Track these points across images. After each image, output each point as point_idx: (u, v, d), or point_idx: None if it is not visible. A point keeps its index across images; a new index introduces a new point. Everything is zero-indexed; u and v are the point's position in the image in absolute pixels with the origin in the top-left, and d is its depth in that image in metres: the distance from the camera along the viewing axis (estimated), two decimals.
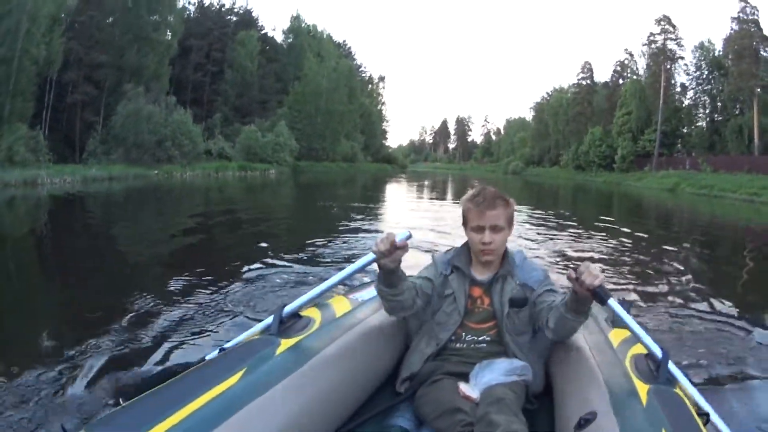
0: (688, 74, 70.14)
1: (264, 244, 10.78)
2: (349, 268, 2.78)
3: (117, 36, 48.83)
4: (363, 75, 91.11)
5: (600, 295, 2.39)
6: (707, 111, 68.87)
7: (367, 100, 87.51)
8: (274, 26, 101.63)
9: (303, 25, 71.17)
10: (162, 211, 21.40)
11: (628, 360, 2.53)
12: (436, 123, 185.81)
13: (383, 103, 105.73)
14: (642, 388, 2.20)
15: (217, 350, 2.64)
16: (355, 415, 2.63)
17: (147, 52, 49.57)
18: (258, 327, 2.80)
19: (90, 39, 47.26)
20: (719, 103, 65.66)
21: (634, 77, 76.35)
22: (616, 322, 3.03)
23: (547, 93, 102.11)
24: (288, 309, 2.76)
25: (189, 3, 60.70)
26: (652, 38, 71.89)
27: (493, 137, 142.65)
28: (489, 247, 2.87)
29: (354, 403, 2.65)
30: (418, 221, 16.73)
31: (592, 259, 10.45)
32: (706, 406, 2.35)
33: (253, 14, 67.31)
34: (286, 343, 2.48)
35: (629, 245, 13.34)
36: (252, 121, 54.82)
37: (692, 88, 70.62)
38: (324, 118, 60.93)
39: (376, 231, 13.28)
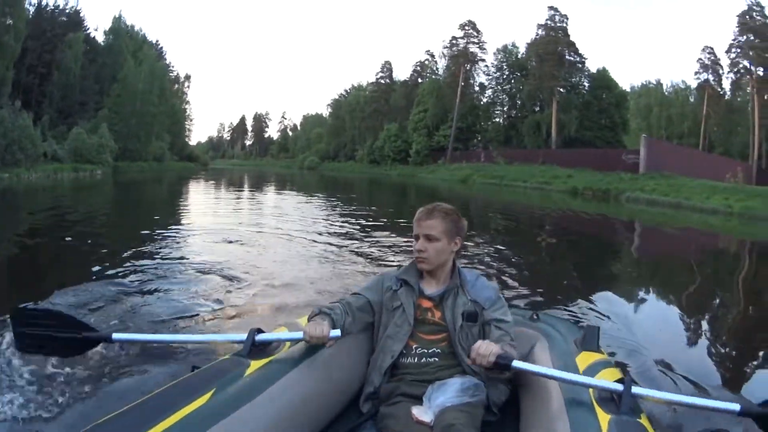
0: (488, 75, 74.71)
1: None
2: (281, 335, 2.76)
3: None
4: (171, 74, 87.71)
5: (501, 367, 2.44)
6: (505, 108, 75.28)
7: (176, 101, 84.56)
8: (96, 26, 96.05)
9: (123, 25, 67.04)
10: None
11: (592, 388, 2.38)
12: (234, 119, 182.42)
13: (188, 102, 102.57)
14: (603, 419, 2.11)
15: (190, 369, 2.53)
16: None
17: None
18: (229, 338, 3.03)
19: None
20: (518, 101, 72.23)
21: (433, 77, 79.81)
22: (586, 343, 2.98)
23: (346, 90, 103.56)
24: (260, 337, 2.65)
25: (30, 4, 55.83)
26: (454, 41, 74.90)
27: (290, 133, 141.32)
28: (421, 255, 2.90)
29: (321, 423, 2.62)
30: (222, 210, 19.21)
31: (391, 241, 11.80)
32: None
33: (81, 14, 62.86)
34: (255, 364, 2.44)
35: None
36: (75, 123, 51.62)
37: (491, 87, 75.90)
38: (138, 119, 58.74)
39: (199, 232, 13.02)
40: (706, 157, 52.87)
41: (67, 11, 62.17)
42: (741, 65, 58.02)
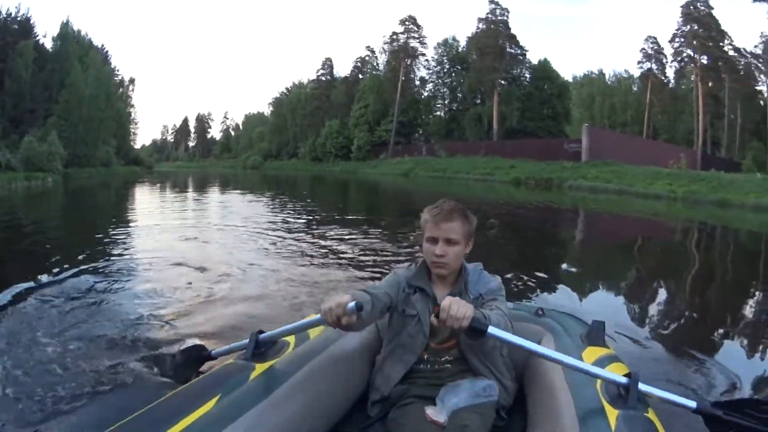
0: (428, 69, 74.77)
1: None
2: (300, 323, 2.68)
3: None
4: (116, 78, 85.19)
5: (476, 332, 2.21)
6: (446, 101, 76.08)
7: (121, 105, 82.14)
8: (45, 32, 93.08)
9: (70, 30, 64.58)
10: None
11: (600, 382, 2.32)
12: (178, 121, 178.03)
13: (132, 106, 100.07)
14: (611, 414, 2.07)
15: (196, 374, 2.78)
16: None
17: None
18: (234, 346, 2.95)
19: None
20: (459, 94, 73.52)
21: (374, 72, 79.61)
22: (591, 338, 2.90)
23: (287, 88, 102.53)
24: (264, 336, 2.63)
25: None
26: (395, 37, 75.03)
27: (232, 133, 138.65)
28: (441, 260, 2.66)
29: (328, 426, 2.54)
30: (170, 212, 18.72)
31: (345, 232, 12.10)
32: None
33: (31, 21, 60.47)
34: (260, 368, 2.42)
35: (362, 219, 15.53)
36: (26, 131, 50.07)
37: (432, 81, 76.42)
38: (86, 125, 57.17)
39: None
40: (650, 144, 54.48)
41: (19, 18, 60.15)
42: (685, 54, 59.82)
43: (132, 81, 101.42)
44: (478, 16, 72.61)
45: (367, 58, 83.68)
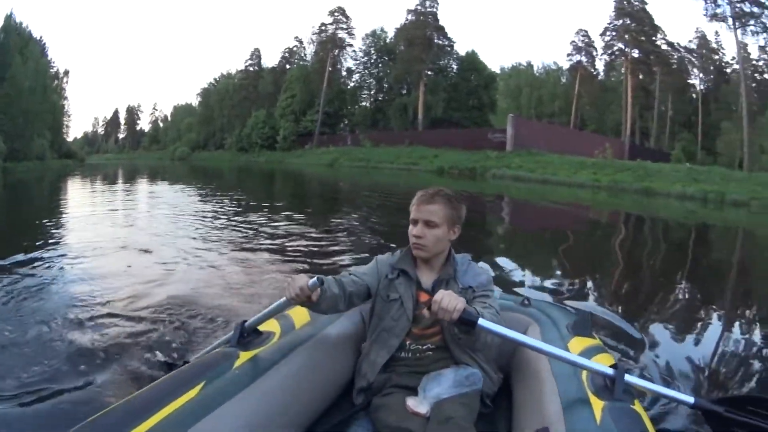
0: (355, 60, 74.32)
1: None
2: (267, 310, 2.58)
3: None
4: (52, 70, 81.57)
5: (466, 324, 2.19)
6: (372, 92, 75.59)
7: (56, 97, 79.30)
8: None
9: (13, 23, 61.26)
10: None
11: (585, 373, 2.27)
12: (108, 113, 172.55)
13: (66, 98, 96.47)
14: (597, 405, 2.04)
15: (181, 363, 2.72)
16: (314, 425, 2.54)
17: None
18: (219, 340, 2.90)
19: None
20: (385, 85, 72.87)
21: (302, 63, 78.19)
22: (578, 329, 2.84)
23: (215, 79, 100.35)
24: (249, 323, 2.56)
25: None
26: (323, 27, 74.25)
27: (161, 124, 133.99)
28: (419, 241, 2.66)
29: (312, 414, 2.53)
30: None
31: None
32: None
33: None
34: (245, 356, 2.36)
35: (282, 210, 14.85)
36: None
37: (359, 72, 75.64)
38: (25, 118, 54.87)
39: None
40: (577, 134, 55.37)
41: None
42: (616, 47, 60.88)
43: (66, 73, 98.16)
44: (407, 7, 72.41)
45: (295, 48, 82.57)
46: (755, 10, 47.47)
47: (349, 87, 75.39)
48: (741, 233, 17.09)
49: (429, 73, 65.80)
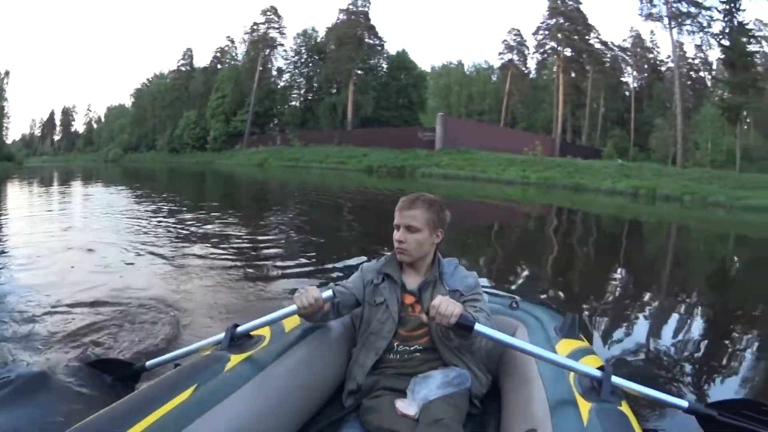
0: (286, 59, 72.76)
1: None
2: (274, 314, 2.58)
3: None
4: None
5: (463, 329, 2.21)
6: (302, 91, 73.63)
7: None
8: None
9: None
10: None
11: (573, 375, 2.24)
12: (45, 114, 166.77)
13: (6, 99, 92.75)
14: (584, 406, 2.01)
15: (172, 366, 2.62)
16: (305, 428, 2.50)
17: None
18: (210, 341, 2.69)
19: None
20: (315, 84, 71.06)
21: (233, 63, 76.54)
22: (565, 331, 2.76)
23: (148, 79, 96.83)
24: (240, 328, 2.50)
25: None
26: (255, 27, 72.54)
27: (95, 126, 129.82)
28: (402, 245, 2.67)
29: (303, 417, 2.49)
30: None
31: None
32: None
33: None
34: (235, 359, 2.30)
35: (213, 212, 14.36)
36: None
37: (289, 71, 73.74)
38: None
39: None
40: (507, 132, 55.49)
41: None
42: (548, 46, 60.73)
43: (7, 74, 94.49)
44: (340, 7, 72.02)
45: (226, 48, 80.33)
46: (692, 9, 47.62)
47: (279, 87, 73.41)
48: (674, 227, 17.55)
49: (359, 72, 65.06)
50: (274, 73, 73.54)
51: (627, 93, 59.99)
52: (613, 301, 6.63)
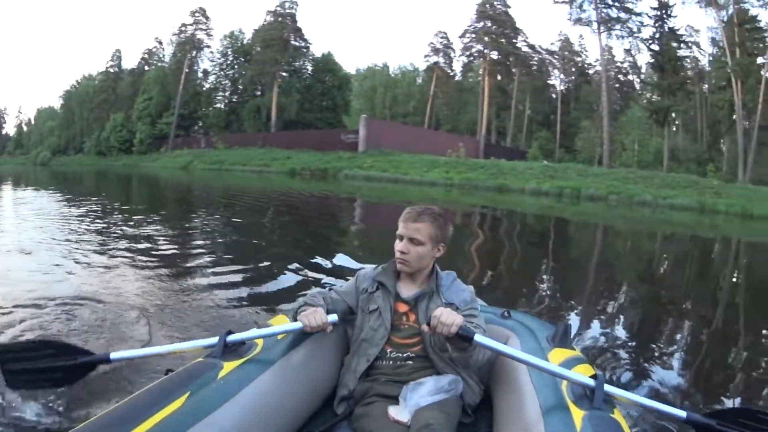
0: (212, 61, 72.00)
1: None
2: (277, 327, 2.47)
3: None
4: None
5: (463, 339, 2.18)
6: (227, 93, 72.45)
7: None
8: None
9: None
10: None
11: (565, 383, 2.17)
12: None
13: None
14: (577, 414, 1.96)
15: (164, 372, 2.31)
16: None
17: None
18: (198, 344, 2.51)
19: None
20: (240, 86, 70.47)
21: (160, 64, 74.02)
22: (558, 341, 2.67)
23: (77, 81, 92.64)
24: (232, 337, 2.37)
25: None
26: (183, 28, 70.58)
27: (25, 128, 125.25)
28: (403, 256, 2.61)
29: (296, 423, 2.40)
30: None
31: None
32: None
33: None
34: (228, 366, 2.19)
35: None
36: None
37: (215, 73, 72.56)
38: None
39: None
40: (431, 134, 54.62)
41: None
42: (474, 49, 60.35)
43: None
44: (267, 8, 72.26)
45: (154, 49, 77.03)
46: (622, 15, 48.26)
47: (204, 89, 71.80)
48: (601, 225, 18.02)
49: (284, 74, 64.51)
50: (200, 75, 72.32)
51: (554, 95, 60.48)
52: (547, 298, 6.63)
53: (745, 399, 3.98)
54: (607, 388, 2.02)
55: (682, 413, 2.04)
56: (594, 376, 2.06)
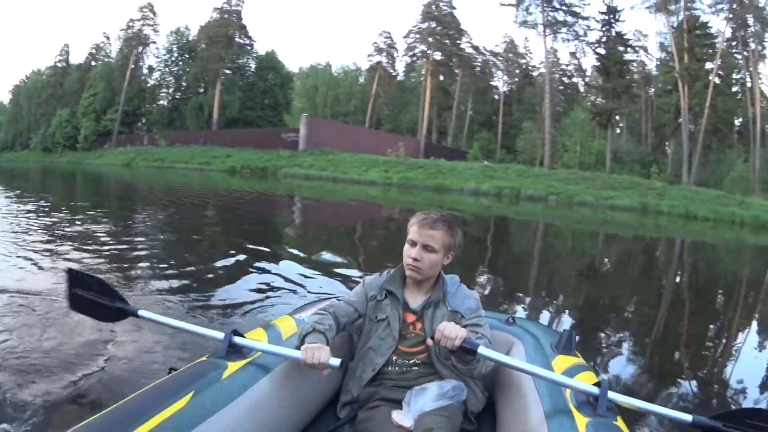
0: (158, 57, 70.06)
1: None
2: (279, 349, 2.34)
3: None
4: None
5: (467, 352, 2.17)
6: (171, 90, 70.56)
7: None
8: None
9: None
10: None
11: (569, 391, 2.18)
12: None
13: None
14: (581, 421, 1.96)
15: (167, 371, 2.30)
16: None
17: None
18: (208, 333, 2.52)
19: None
20: (184, 83, 68.46)
21: (106, 60, 71.58)
22: (561, 347, 2.68)
23: (26, 75, 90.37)
24: (237, 340, 2.33)
25: None
26: (131, 23, 68.62)
27: None
28: (416, 263, 2.53)
29: (299, 426, 2.39)
30: None
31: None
32: None
33: None
34: (233, 366, 2.18)
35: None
36: None
37: (159, 70, 70.63)
38: None
39: None
40: (371, 133, 54.40)
41: None
42: (418, 49, 60.01)
43: None
44: (214, 5, 69.29)
45: (102, 44, 73.95)
46: (569, 19, 48.30)
47: (149, 85, 69.69)
48: (541, 224, 18.23)
49: (227, 71, 63.52)
50: (145, 71, 69.75)
51: (496, 96, 60.60)
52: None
53: (751, 400, 3.88)
54: (611, 394, 2.00)
55: (688, 417, 2.01)
56: (598, 384, 2.03)
